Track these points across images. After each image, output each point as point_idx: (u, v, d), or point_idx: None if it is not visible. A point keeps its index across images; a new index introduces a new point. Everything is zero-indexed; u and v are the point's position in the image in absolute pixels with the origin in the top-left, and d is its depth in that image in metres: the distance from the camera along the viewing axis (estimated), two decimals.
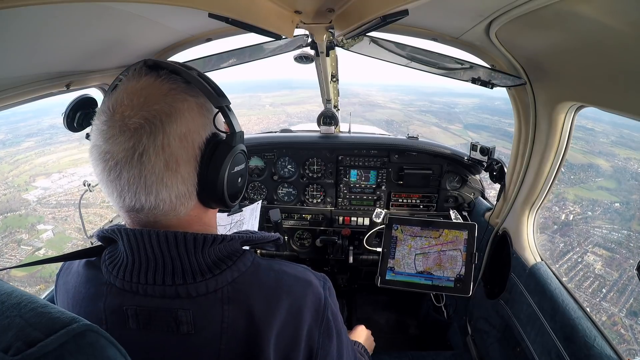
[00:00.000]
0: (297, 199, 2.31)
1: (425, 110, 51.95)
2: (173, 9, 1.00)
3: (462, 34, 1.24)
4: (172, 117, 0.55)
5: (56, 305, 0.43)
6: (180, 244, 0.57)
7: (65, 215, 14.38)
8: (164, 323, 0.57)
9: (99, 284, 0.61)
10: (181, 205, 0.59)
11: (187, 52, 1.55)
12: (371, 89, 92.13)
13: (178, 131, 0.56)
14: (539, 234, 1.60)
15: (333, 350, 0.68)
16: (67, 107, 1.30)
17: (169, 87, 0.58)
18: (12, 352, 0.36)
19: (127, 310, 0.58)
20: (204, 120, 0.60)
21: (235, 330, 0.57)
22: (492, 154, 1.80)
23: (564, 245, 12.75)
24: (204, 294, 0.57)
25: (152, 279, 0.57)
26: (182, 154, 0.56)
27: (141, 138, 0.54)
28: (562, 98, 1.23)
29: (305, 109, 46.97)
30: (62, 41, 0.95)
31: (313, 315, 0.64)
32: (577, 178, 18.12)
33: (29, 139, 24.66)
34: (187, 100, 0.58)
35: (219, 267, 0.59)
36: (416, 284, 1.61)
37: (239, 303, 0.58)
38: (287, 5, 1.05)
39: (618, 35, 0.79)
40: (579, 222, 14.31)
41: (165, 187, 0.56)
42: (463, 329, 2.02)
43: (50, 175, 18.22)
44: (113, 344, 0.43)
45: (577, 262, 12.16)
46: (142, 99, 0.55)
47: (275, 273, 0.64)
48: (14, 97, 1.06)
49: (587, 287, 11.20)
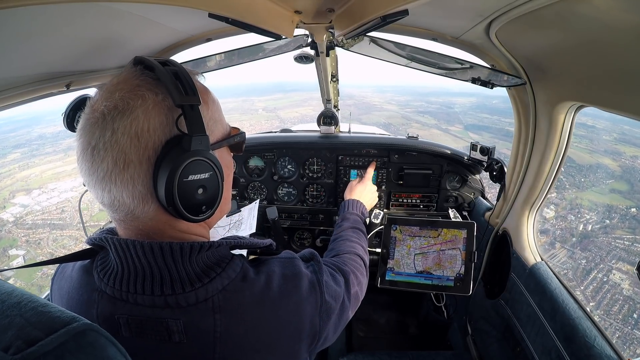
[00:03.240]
0: (297, 199, 2.31)
1: (423, 111, 51.63)
2: (173, 9, 1.00)
3: (462, 34, 1.24)
4: (123, 113, 0.53)
5: (56, 305, 0.43)
6: (166, 254, 0.55)
7: (39, 239, 13.64)
8: (155, 332, 0.56)
9: (91, 290, 0.60)
10: (137, 207, 0.56)
11: (187, 52, 1.55)
12: (366, 90, 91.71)
13: (128, 129, 0.53)
14: (553, 246, 1.59)
15: (334, 320, 0.72)
16: (67, 107, 1.29)
17: (137, 83, 0.56)
18: (12, 351, 0.36)
19: (119, 319, 0.57)
20: (162, 120, 0.55)
21: (228, 339, 0.57)
22: (492, 153, 1.80)
23: (586, 262, 11.74)
24: (194, 303, 0.56)
25: (142, 289, 0.56)
26: (132, 153, 0.53)
27: (94, 132, 0.53)
28: (562, 98, 1.23)
29: (299, 112, 46.74)
30: (62, 41, 0.95)
31: (312, 305, 0.66)
32: (588, 181, 17.45)
33: (15, 150, 23.91)
34: (145, 98, 0.54)
35: (208, 275, 0.58)
36: (416, 284, 1.61)
37: (231, 312, 0.57)
38: (287, 5, 1.05)
39: (618, 35, 0.79)
40: (598, 233, 13.30)
41: (114, 184, 0.54)
42: (463, 329, 2.02)
43: (30, 192, 17.45)
44: (113, 343, 0.43)
45: (603, 282, 10.96)
46: (109, 94, 0.55)
47: (266, 276, 0.63)
48: (14, 97, 1.06)
49: (616, 312, 10.05)
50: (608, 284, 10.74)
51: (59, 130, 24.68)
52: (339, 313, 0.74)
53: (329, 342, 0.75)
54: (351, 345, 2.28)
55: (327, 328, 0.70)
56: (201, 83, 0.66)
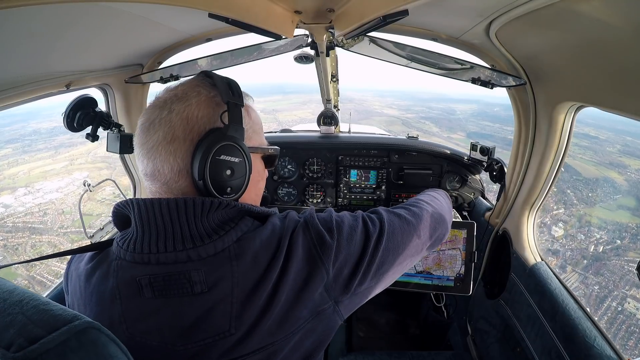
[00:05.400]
0: (297, 199, 2.31)
1: (424, 117, 51.15)
2: (173, 9, 1.00)
3: (462, 34, 1.24)
4: (180, 100, 0.66)
5: (58, 303, 0.44)
6: (188, 209, 0.62)
7: (17, 244, 13.04)
8: (179, 286, 0.60)
9: (109, 262, 0.65)
10: (172, 179, 0.65)
11: (187, 52, 1.55)
12: (366, 94, 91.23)
13: (181, 112, 0.65)
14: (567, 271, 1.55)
15: (355, 243, 0.72)
16: (67, 107, 1.29)
17: (197, 83, 0.70)
18: (14, 348, 0.36)
19: (140, 281, 0.60)
20: (210, 112, 0.67)
21: (244, 282, 0.61)
22: (492, 153, 1.80)
23: (599, 287, 11.03)
24: (212, 254, 0.62)
25: (164, 247, 0.61)
26: (180, 131, 0.64)
27: (155, 112, 0.66)
28: (562, 98, 1.23)
29: (298, 116, 46.41)
30: (62, 41, 0.95)
31: (303, 240, 0.68)
32: (596, 196, 16.73)
33: (8, 145, 22.97)
34: (200, 93, 0.68)
35: (223, 228, 0.64)
36: (416, 284, 1.61)
37: (245, 257, 0.63)
38: (287, 5, 1.06)
39: (618, 35, 0.79)
40: (610, 255, 12.52)
41: (159, 155, 0.64)
42: (463, 329, 2.02)
43: (15, 190, 16.70)
44: (114, 341, 0.44)
45: (617, 311, 10.20)
46: (174, 88, 0.69)
47: (271, 225, 0.69)
48: (14, 97, 1.06)
49: (632, 345, 9.32)
50: (623, 314, 10.17)
51: (54, 126, 23.49)
52: (363, 235, 0.73)
53: (384, 267, 0.75)
54: (351, 345, 2.28)
55: (339, 254, 0.69)
56: (249, 103, 0.78)
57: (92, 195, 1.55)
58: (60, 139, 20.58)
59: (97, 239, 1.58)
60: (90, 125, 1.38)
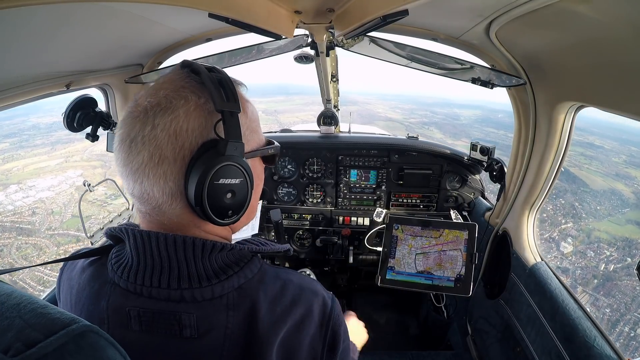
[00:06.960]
0: (297, 199, 2.31)
1: (428, 122, 50.84)
2: (173, 9, 1.00)
3: (462, 34, 1.24)
4: (165, 111, 0.54)
5: (56, 306, 0.43)
6: (187, 248, 0.56)
7: (2, 245, 12.34)
8: (167, 326, 0.56)
9: (103, 283, 0.60)
10: (165, 203, 0.57)
11: (187, 52, 1.55)
12: (369, 97, 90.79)
13: (167, 126, 0.54)
14: None
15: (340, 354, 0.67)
16: (67, 107, 1.30)
17: (182, 84, 0.57)
18: (11, 353, 0.35)
19: (129, 312, 0.57)
20: (202, 122, 0.56)
21: (239, 336, 0.57)
22: (492, 153, 1.80)
23: (611, 310, 10.76)
24: (209, 298, 0.57)
25: (157, 282, 0.57)
26: (168, 150, 0.54)
27: (135, 125, 0.55)
28: (562, 98, 1.23)
29: (299, 117, 46.22)
30: (62, 41, 0.95)
31: (317, 327, 0.64)
32: (604, 209, 16.48)
33: (5, 140, 22.50)
34: (188, 99, 0.56)
35: (225, 272, 0.59)
36: (416, 283, 1.61)
37: (244, 309, 0.58)
38: (287, 5, 1.05)
39: (618, 34, 0.79)
40: (621, 275, 12.21)
41: (147, 178, 0.55)
42: (463, 329, 2.02)
43: (7, 187, 16.22)
44: (113, 344, 0.43)
45: (630, 337, 9.95)
46: (154, 92, 0.57)
47: (282, 281, 0.64)
48: (14, 97, 1.06)
49: None
50: (636, 340, 9.95)
51: (53, 121, 22.58)
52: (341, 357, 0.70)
53: None
54: None
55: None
56: (242, 93, 0.66)
57: (85, 196, 1.53)
58: (58, 134, 19.90)
59: (97, 239, 1.58)
60: (90, 125, 1.38)
